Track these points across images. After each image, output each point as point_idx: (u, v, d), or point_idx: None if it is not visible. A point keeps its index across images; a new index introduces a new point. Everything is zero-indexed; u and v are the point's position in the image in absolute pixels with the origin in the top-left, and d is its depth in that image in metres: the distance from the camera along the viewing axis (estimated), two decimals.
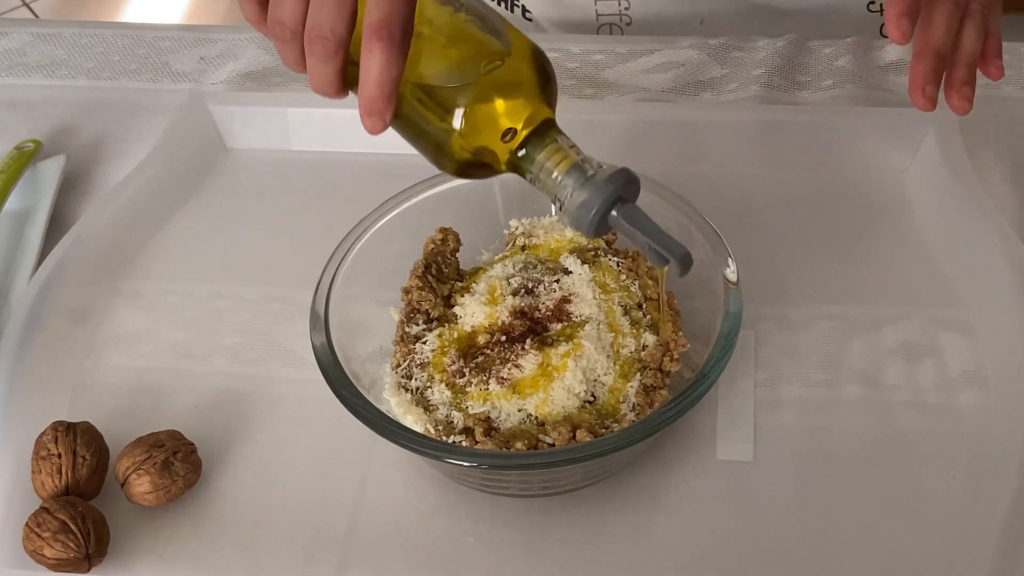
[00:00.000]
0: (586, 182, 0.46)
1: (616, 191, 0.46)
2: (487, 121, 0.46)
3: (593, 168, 0.46)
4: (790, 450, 0.55)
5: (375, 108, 0.45)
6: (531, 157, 0.47)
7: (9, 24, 0.88)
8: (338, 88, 0.47)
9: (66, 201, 0.72)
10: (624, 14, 0.84)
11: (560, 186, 0.46)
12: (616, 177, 0.46)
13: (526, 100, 0.47)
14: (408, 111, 0.47)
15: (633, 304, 0.56)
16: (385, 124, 0.46)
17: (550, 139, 0.47)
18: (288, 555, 0.52)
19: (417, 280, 0.57)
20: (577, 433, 0.50)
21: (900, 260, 0.64)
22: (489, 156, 0.47)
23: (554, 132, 0.47)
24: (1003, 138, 0.71)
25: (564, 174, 0.46)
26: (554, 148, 0.47)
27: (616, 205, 0.46)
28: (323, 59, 0.46)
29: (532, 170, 0.47)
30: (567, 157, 0.47)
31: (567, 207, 0.46)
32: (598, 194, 0.46)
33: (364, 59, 0.44)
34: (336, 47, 0.45)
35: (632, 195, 0.47)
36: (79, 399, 0.60)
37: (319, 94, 0.47)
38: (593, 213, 0.46)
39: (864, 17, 0.82)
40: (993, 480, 0.53)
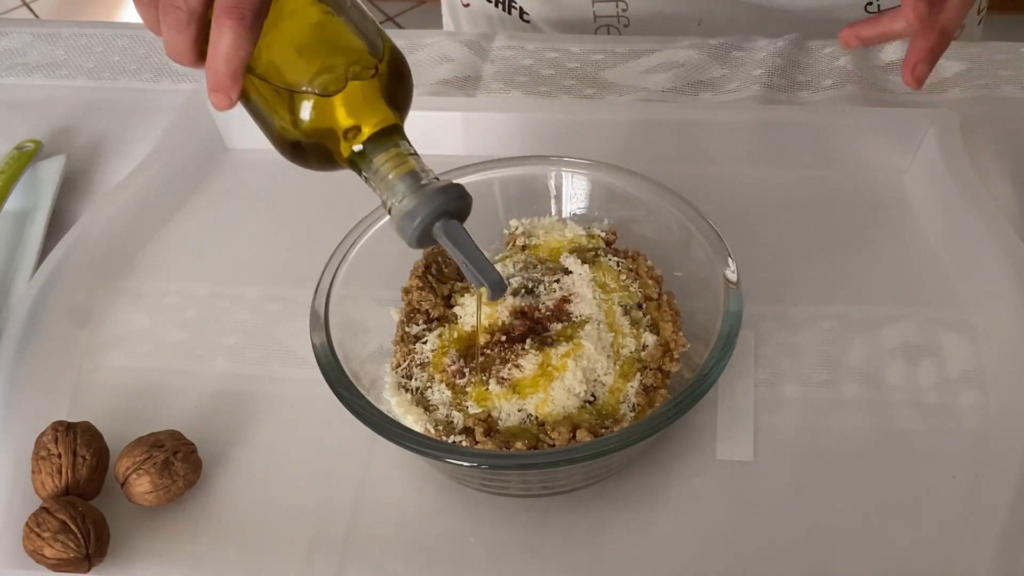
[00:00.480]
0: (417, 190, 0.46)
1: (443, 205, 0.46)
2: (331, 116, 0.47)
3: (427, 179, 0.47)
4: (790, 450, 0.55)
5: (220, 85, 0.46)
6: (368, 158, 0.47)
7: (9, 24, 0.88)
8: (192, 59, 0.48)
9: (66, 201, 0.72)
10: (622, 15, 0.84)
11: (392, 191, 0.47)
12: (447, 191, 0.46)
13: (373, 102, 0.47)
14: (256, 94, 0.48)
15: (633, 304, 0.56)
16: (231, 102, 0.47)
17: (392, 143, 0.47)
18: (288, 555, 0.52)
19: (417, 280, 0.57)
20: (577, 433, 0.50)
21: (900, 260, 0.64)
22: (330, 150, 0.48)
23: (397, 138, 0.48)
24: (1003, 138, 0.71)
25: (398, 179, 0.46)
26: (394, 152, 0.47)
27: (441, 219, 0.46)
28: (176, 29, 0.46)
29: (368, 171, 0.47)
30: (405, 163, 0.47)
31: (394, 213, 0.47)
32: (424, 205, 0.46)
33: (213, 34, 0.45)
34: (188, 19, 0.46)
35: (461, 212, 0.47)
36: (79, 399, 0.60)
37: (175, 61, 0.48)
38: (416, 223, 0.46)
39: (862, 18, 0.82)
40: (993, 480, 0.53)
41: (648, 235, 0.60)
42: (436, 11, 1.00)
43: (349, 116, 0.47)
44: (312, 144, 0.47)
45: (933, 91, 0.75)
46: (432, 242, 0.47)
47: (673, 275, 0.58)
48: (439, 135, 0.72)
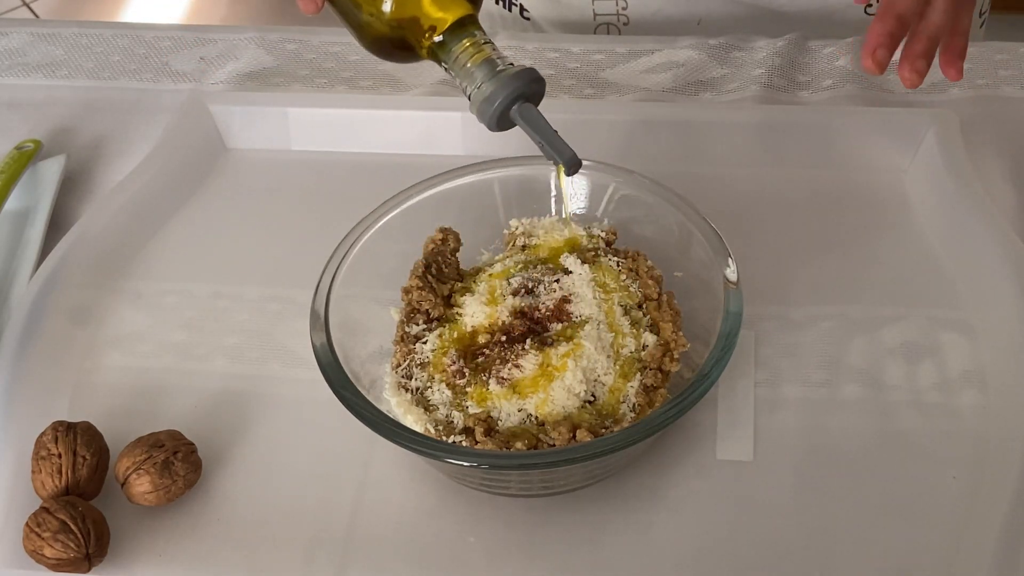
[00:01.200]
0: (494, 76, 0.49)
1: (519, 89, 0.49)
2: (412, 9, 0.50)
3: (503, 65, 0.50)
4: (790, 450, 0.55)
5: None
6: (448, 47, 0.50)
7: (9, 24, 0.88)
8: None
9: (66, 201, 0.72)
10: (622, 14, 0.84)
11: (471, 77, 0.50)
12: (521, 75, 0.49)
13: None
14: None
15: (633, 304, 0.56)
16: (318, 6, 0.51)
17: (468, 33, 0.50)
18: (288, 555, 0.52)
19: (417, 280, 0.57)
20: (577, 433, 0.50)
21: (900, 260, 0.64)
22: (411, 40, 0.51)
23: (473, 27, 0.51)
24: (1003, 138, 0.71)
25: (476, 67, 0.50)
26: (471, 42, 0.50)
27: (518, 102, 0.50)
28: None
29: (447, 60, 0.51)
30: (481, 52, 0.50)
31: (474, 98, 0.50)
32: (502, 89, 0.49)
33: None
34: None
35: (537, 94, 0.51)
36: (79, 399, 0.60)
37: None
38: (495, 107, 0.49)
39: (862, 20, 0.82)
40: (993, 480, 0.53)
41: (648, 235, 0.60)
42: None
43: (429, 8, 0.50)
44: (395, 36, 0.51)
45: (933, 91, 0.75)
46: (510, 125, 0.51)
47: (673, 275, 0.58)
48: (439, 135, 0.72)
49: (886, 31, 0.58)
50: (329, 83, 0.80)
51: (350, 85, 0.80)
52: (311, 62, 0.82)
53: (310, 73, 0.81)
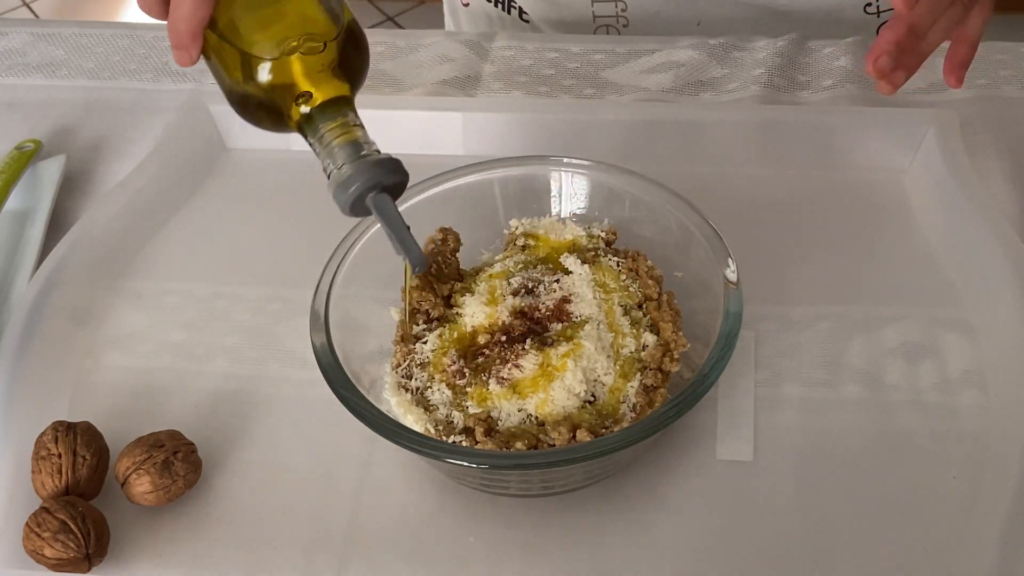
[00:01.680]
0: (355, 160, 0.48)
1: (377, 177, 0.48)
2: (283, 80, 0.49)
3: (368, 150, 0.49)
4: (790, 450, 0.55)
5: (181, 43, 0.49)
6: (315, 123, 0.49)
7: (9, 24, 0.88)
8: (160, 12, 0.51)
9: (66, 201, 0.72)
10: (621, 15, 0.84)
11: (332, 157, 0.49)
12: (383, 164, 0.48)
13: (326, 71, 0.49)
14: (215, 50, 0.50)
15: (633, 304, 0.57)
16: (192, 59, 0.50)
17: (339, 113, 0.49)
18: (288, 555, 0.52)
19: (417, 280, 0.57)
20: (577, 433, 0.50)
21: (900, 260, 0.64)
22: (280, 111, 0.50)
23: (346, 108, 0.50)
24: (1003, 138, 0.71)
25: (340, 147, 0.48)
26: (340, 121, 0.49)
27: (374, 191, 0.48)
28: None
29: (314, 136, 0.49)
30: (349, 133, 0.49)
31: (332, 178, 0.49)
32: (359, 175, 0.48)
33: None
34: None
35: (396, 186, 0.49)
36: (79, 399, 0.60)
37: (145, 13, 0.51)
38: (350, 192, 0.48)
39: (861, 19, 0.82)
40: (993, 480, 0.53)
41: (648, 235, 0.60)
42: (436, 11, 1.00)
43: (301, 82, 0.49)
44: (264, 104, 0.50)
45: (933, 91, 0.75)
46: (366, 212, 0.49)
47: (673, 275, 0.58)
48: (439, 135, 0.72)
49: (894, 39, 0.57)
50: None
51: None
52: None
53: None
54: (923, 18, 0.58)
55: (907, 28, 0.58)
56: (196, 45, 0.50)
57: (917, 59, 0.59)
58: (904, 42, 0.58)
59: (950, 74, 0.62)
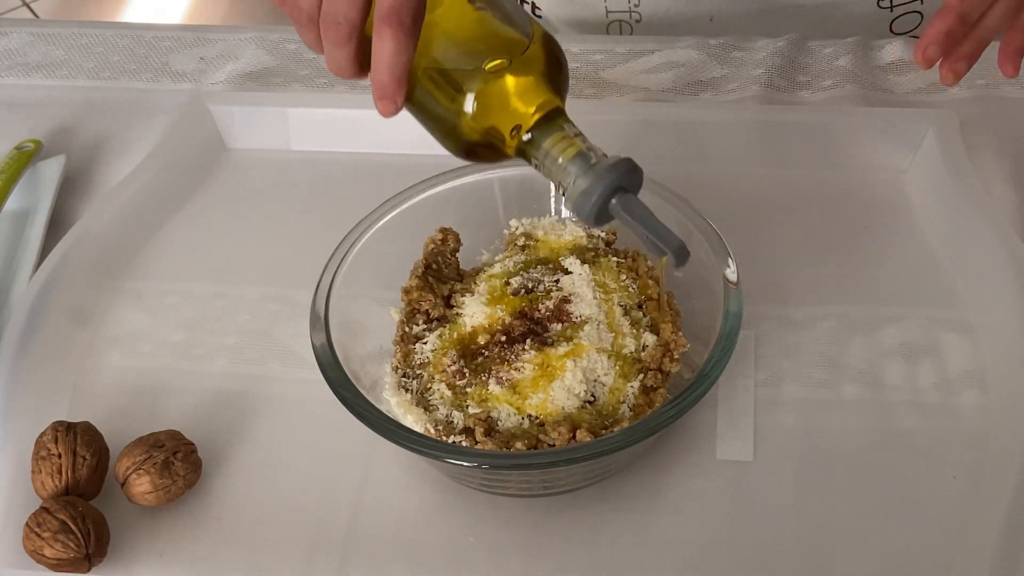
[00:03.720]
0: (589, 170, 0.47)
1: (616, 180, 0.47)
2: (497, 108, 0.48)
3: (597, 157, 0.47)
4: (790, 450, 0.55)
5: (386, 92, 0.47)
6: (537, 143, 0.48)
7: (9, 24, 0.88)
8: (354, 71, 0.48)
9: (66, 201, 0.72)
10: (634, 11, 0.84)
11: (564, 173, 0.47)
12: (618, 166, 0.47)
13: (536, 89, 0.48)
14: (421, 95, 0.49)
15: (633, 304, 0.56)
16: (397, 108, 0.47)
17: (557, 127, 0.48)
18: (288, 555, 0.52)
19: (417, 280, 0.57)
20: (577, 433, 0.50)
21: (900, 260, 0.64)
22: (497, 140, 0.48)
23: (562, 120, 0.48)
24: (1003, 138, 0.71)
25: (568, 161, 0.47)
26: (560, 136, 0.48)
27: (616, 194, 0.47)
28: (337, 44, 0.47)
29: (538, 156, 0.48)
30: (572, 145, 0.47)
31: (570, 194, 0.47)
32: (599, 183, 0.46)
33: (375, 44, 0.46)
34: (349, 33, 0.46)
35: (634, 185, 0.48)
36: (79, 399, 0.60)
37: (337, 75, 0.49)
38: (593, 201, 0.47)
39: (874, 14, 0.82)
40: (993, 480, 0.53)
41: None
42: None
43: (515, 105, 0.48)
44: (481, 137, 0.48)
45: (933, 91, 0.75)
46: (610, 218, 0.48)
47: (673, 275, 0.58)
48: None
49: (943, 28, 0.56)
50: (329, 83, 0.80)
51: (350, 85, 0.79)
52: (311, 62, 0.82)
53: (310, 73, 0.81)
54: (974, 6, 0.57)
55: (957, 17, 0.56)
56: (401, 92, 0.47)
57: (975, 46, 0.57)
58: (955, 31, 0.56)
59: (1006, 62, 0.60)
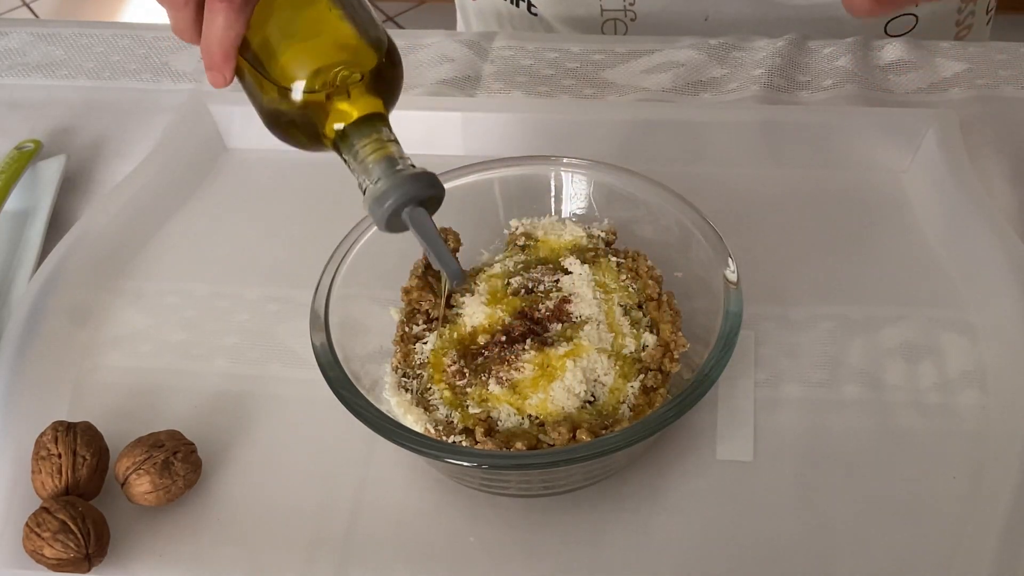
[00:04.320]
0: (391, 176, 0.48)
1: (413, 191, 0.47)
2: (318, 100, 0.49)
3: (403, 165, 0.48)
4: (790, 450, 0.55)
5: (214, 64, 0.49)
6: (350, 140, 0.49)
7: (9, 24, 0.88)
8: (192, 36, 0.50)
9: (66, 201, 0.72)
10: (629, 9, 0.84)
11: (368, 173, 0.48)
12: (419, 178, 0.48)
13: (361, 89, 0.49)
14: (249, 71, 0.50)
15: (633, 304, 0.57)
16: (226, 80, 0.50)
17: (374, 129, 0.49)
18: (288, 555, 0.52)
19: (417, 280, 0.57)
20: (577, 433, 0.50)
21: (900, 260, 0.64)
22: (315, 129, 0.50)
23: (380, 124, 0.49)
24: (1003, 138, 0.71)
25: (375, 163, 0.48)
26: (375, 138, 0.49)
27: (410, 205, 0.48)
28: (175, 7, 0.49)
29: (348, 152, 0.49)
30: (383, 148, 0.49)
31: (367, 195, 0.48)
32: (395, 189, 0.47)
33: (206, 16, 0.48)
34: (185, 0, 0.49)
35: (432, 200, 0.49)
36: (79, 399, 0.60)
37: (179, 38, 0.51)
38: (386, 207, 0.48)
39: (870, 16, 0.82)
40: (993, 480, 0.53)
41: (648, 235, 0.60)
42: (436, 11, 1.00)
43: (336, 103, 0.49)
44: (298, 123, 0.49)
45: (933, 91, 0.75)
46: (403, 227, 0.49)
47: (673, 275, 0.58)
48: (439, 135, 0.72)
49: None
50: None
51: None
52: None
53: None
54: None
55: None
56: (229, 65, 0.49)
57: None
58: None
59: None
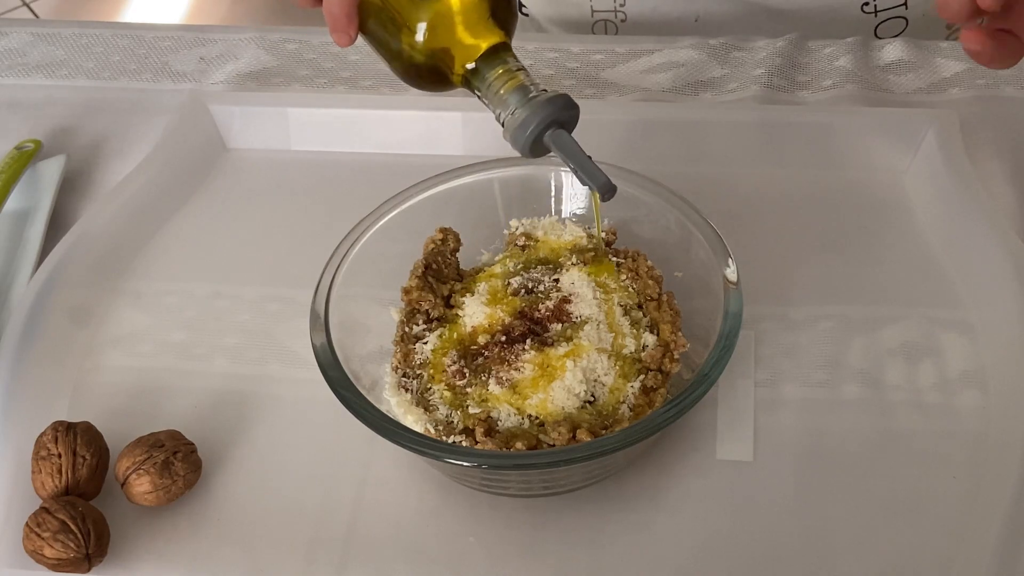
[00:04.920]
0: (527, 103, 0.49)
1: (551, 115, 0.49)
2: (446, 37, 0.50)
3: (536, 91, 0.50)
4: (790, 450, 0.55)
5: (339, 24, 0.51)
6: (481, 74, 0.50)
7: (9, 24, 0.88)
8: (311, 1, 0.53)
9: (66, 201, 0.72)
10: (619, 11, 0.84)
11: (504, 104, 0.50)
12: (555, 101, 0.49)
13: (482, 23, 0.50)
14: (374, 23, 0.52)
15: (633, 304, 0.57)
16: (351, 39, 0.51)
17: (500, 60, 0.50)
18: (288, 555, 0.52)
19: (417, 280, 0.57)
20: (577, 433, 0.50)
21: (900, 260, 0.64)
22: (444, 68, 0.51)
23: (506, 54, 0.51)
24: (1003, 138, 0.71)
25: (509, 93, 0.50)
26: (503, 69, 0.50)
27: (551, 128, 0.49)
28: None
29: (481, 87, 0.51)
30: (514, 78, 0.50)
31: (507, 125, 0.50)
32: (534, 116, 0.49)
33: None
34: None
35: (570, 120, 0.50)
36: (79, 399, 0.60)
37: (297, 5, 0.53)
38: (528, 133, 0.49)
39: (858, 18, 0.82)
40: (993, 480, 0.53)
41: (648, 235, 0.60)
42: None
43: (462, 36, 0.50)
44: (429, 65, 0.51)
45: (933, 91, 0.75)
46: (544, 151, 0.50)
47: (673, 275, 0.58)
48: (439, 135, 0.72)
49: None
50: (329, 83, 0.80)
51: (350, 85, 0.80)
52: (311, 62, 0.82)
53: (310, 73, 0.81)
54: None
55: None
56: (353, 24, 0.51)
57: None
58: None
59: None
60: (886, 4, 0.81)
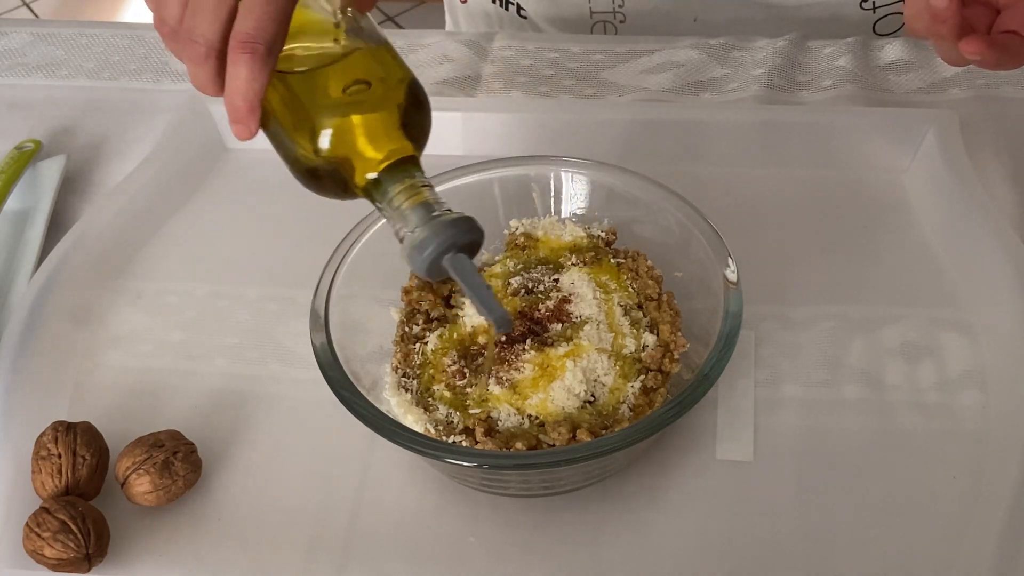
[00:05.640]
0: (428, 222, 0.46)
1: (451, 238, 0.46)
2: (348, 146, 0.47)
3: (440, 210, 0.47)
4: (790, 450, 0.55)
5: (239, 117, 0.46)
6: (383, 187, 0.47)
7: (9, 24, 0.88)
8: (215, 89, 0.47)
9: (66, 201, 0.72)
10: (618, 11, 0.84)
11: (405, 220, 0.47)
12: (457, 224, 0.46)
13: (389, 134, 0.47)
14: (274, 121, 0.48)
15: (633, 304, 0.57)
16: (251, 133, 0.47)
17: (407, 174, 0.47)
18: (288, 555, 0.52)
19: (417, 280, 0.57)
20: (577, 433, 0.50)
21: (900, 260, 0.64)
22: (345, 178, 0.48)
23: (413, 168, 0.48)
24: (1003, 138, 0.71)
25: (411, 210, 0.47)
26: (408, 184, 0.47)
27: (449, 252, 0.46)
28: (195, 62, 0.46)
29: (382, 200, 0.47)
30: (418, 194, 0.47)
31: (406, 243, 0.47)
32: (434, 237, 0.46)
33: (229, 69, 0.45)
34: (206, 52, 0.46)
35: (472, 245, 0.47)
36: (79, 399, 0.60)
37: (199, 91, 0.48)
38: (425, 255, 0.46)
39: (857, 16, 0.82)
40: (993, 480, 0.53)
41: (648, 235, 0.60)
42: (436, 11, 1.00)
43: (364, 147, 0.47)
44: (328, 172, 0.48)
45: (933, 91, 0.75)
46: (443, 273, 0.47)
47: (673, 275, 0.58)
48: (439, 135, 0.71)
49: None
50: None
51: None
52: None
53: None
54: None
55: None
56: (254, 118, 0.46)
57: None
58: None
59: None
60: (883, 0, 0.81)
